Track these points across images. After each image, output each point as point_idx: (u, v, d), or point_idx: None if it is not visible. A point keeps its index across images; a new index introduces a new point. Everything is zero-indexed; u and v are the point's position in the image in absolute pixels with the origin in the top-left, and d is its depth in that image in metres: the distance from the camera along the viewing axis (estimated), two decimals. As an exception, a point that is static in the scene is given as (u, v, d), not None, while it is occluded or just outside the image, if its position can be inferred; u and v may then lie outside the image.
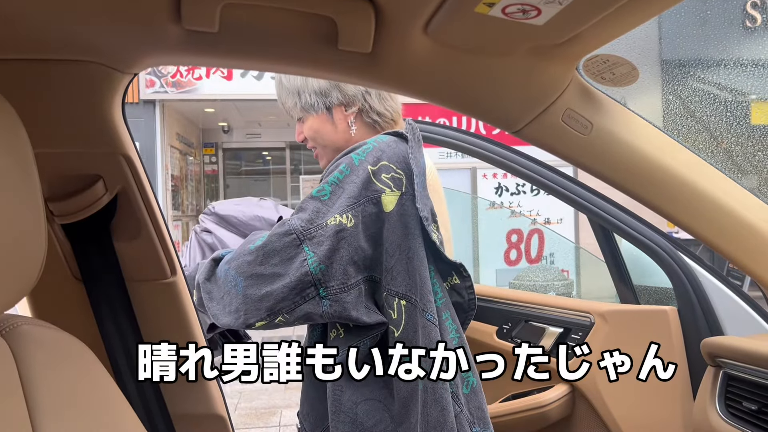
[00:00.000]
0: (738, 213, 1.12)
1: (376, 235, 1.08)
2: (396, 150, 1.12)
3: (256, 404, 4.56)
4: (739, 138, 5.90)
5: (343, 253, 1.05)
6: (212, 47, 0.92)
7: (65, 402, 0.69)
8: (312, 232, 1.05)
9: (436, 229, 1.10)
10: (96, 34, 0.88)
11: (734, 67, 6.36)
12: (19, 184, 0.65)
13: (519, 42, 0.91)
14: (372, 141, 1.13)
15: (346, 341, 1.11)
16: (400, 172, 1.10)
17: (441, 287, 1.12)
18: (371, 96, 1.26)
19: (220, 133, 11.31)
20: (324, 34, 0.88)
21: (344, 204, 1.06)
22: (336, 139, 1.29)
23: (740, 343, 1.16)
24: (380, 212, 1.08)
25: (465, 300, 1.16)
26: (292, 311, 1.05)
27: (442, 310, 1.11)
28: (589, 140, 1.08)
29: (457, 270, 1.14)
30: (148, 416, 1.21)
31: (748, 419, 1.13)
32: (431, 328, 1.06)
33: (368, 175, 1.08)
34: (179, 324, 1.26)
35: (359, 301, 1.08)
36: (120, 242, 1.19)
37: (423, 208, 1.07)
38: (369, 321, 1.08)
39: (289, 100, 1.30)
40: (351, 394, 1.12)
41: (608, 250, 1.70)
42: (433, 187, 1.22)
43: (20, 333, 0.69)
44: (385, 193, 1.08)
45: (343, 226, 1.05)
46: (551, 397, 1.61)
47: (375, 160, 1.10)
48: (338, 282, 1.05)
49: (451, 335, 1.11)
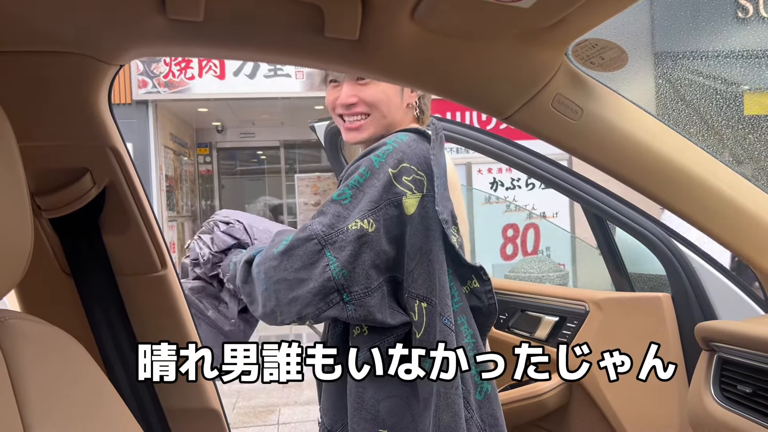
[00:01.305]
0: (729, 197, 1.12)
1: (398, 237, 1.08)
2: (416, 150, 1.11)
3: (255, 403, 4.55)
4: (732, 128, 5.91)
5: (365, 257, 1.05)
6: (198, 37, 0.92)
7: (55, 396, 0.69)
8: (333, 237, 1.05)
9: (456, 232, 1.08)
10: (80, 24, 0.88)
11: (727, 58, 6.37)
12: (4, 177, 0.65)
13: (506, 26, 0.90)
14: (391, 141, 1.11)
15: (369, 339, 1.11)
16: (422, 174, 1.09)
17: (459, 291, 1.11)
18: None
19: (213, 132, 11.29)
20: (310, 22, 0.87)
21: (365, 208, 1.06)
22: (397, 113, 1.24)
23: (734, 327, 1.16)
24: (402, 215, 1.07)
25: (484, 304, 1.14)
26: (318, 316, 1.07)
27: (458, 315, 1.10)
28: (579, 125, 1.08)
29: (476, 273, 1.12)
30: (140, 410, 1.20)
31: (743, 402, 1.13)
32: (447, 333, 1.06)
33: (389, 178, 1.07)
34: (170, 317, 1.25)
35: (383, 303, 1.08)
36: (109, 236, 1.18)
37: (443, 211, 1.07)
38: (393, 323, 1.09)
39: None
40: (374, 392, 1.12)
41: (603, 238, 1.71)
42: (452, 184, 1.21)
43: (8, 327, 0.69)
44: (406, 195, 1.07)
45: (364, 231, 1.05)
46: (548, 385, 1.63)
47: (396, 162, 1.08)
48: (361, 286, 1.06)
49: (466, 340, 1.10)
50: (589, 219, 1.71)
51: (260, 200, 11.80)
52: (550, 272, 3.02)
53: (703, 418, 1.19)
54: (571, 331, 1.61)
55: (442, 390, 1.06)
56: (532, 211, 6.49)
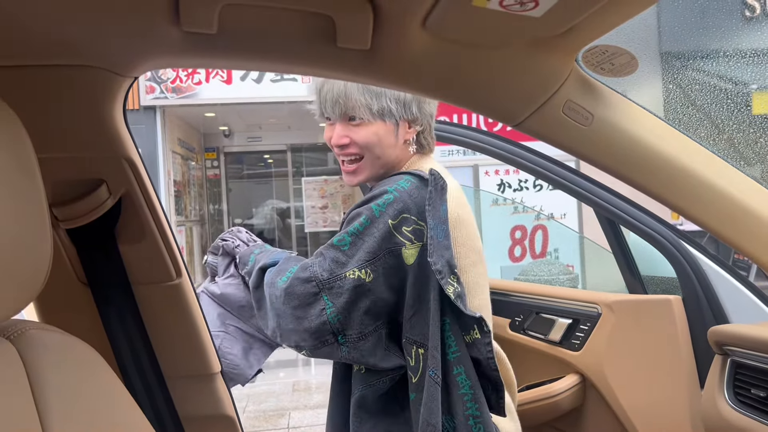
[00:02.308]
0: (742, 200, 1.11)
1: (399, 285, 1.09)
2: (417, 199, 1.10)
3: (265, 407, 4.56)
4: (741, 128, 5.88)
5: (360, 305, 1.07)
6: (211, 48, 0.93)
7: (74, 404, 0.70)
8: (331, 283, 1.07)
9: (455, 281, 1.05)
10: (95, 38, 0.89)
11: (734, 58, 6.34)
12: (23, 189, 0.65)
13: (517, 34, 0.91)
14: (392, 189, 1.11)
15: (366, 378, 1.14)
16: (422, 224, 1.09)
17: (458, 340, 1.08)
18: (432, 119, 1.25)
19: (221, 137, 11.32)
20: (322, 32, 0.88)
21: (363, 258, 1.07)
22: (392, 152, 1.23)
23: (747, 331, 1.16)
24: (401, 264, 1.08)
25: (484, 357, 1.08)
26: (313, 351, 1.10)
27: (455, 365, 1.07)
28: (590, 131, 1.08)
29: (478, 324, 1.07)
30: (157, 418, 1.21)
31: (757, 406, 1.13)
32: (431, 384, 1.05)
33: (388, 229, 1.08)
34: (185, 326, 1.26)
35: (378, 347, 1.10)
36: (125, 245, 1.19)
37: (437, 261, 1.04)
38: (386, 366, 1.11)
39: (363, 98, 1.19)
40: (370, 427, 1.14)
41: (615, 241, 1.71)
42: (468, 206, 1.22)
43: (28, 337, 0.70)
44: (405, 246, 1.08)
45: (361, 281, 1.06)
46: (562, 386, 1.63)
47: (396, 213, 1.08)
48: (356, 331, 1.08)
49: (462, 390, 1.07)
50: (601, 221, 1.72)
51: (268, 204, 11.82)
52: (560, 275, 3.01)
53: (718, 422, 1.18)
54: (584, 333, 1.61)
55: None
56: (540, 212, 6.47)
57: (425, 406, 1.05)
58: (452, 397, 1.07)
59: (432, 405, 1.04)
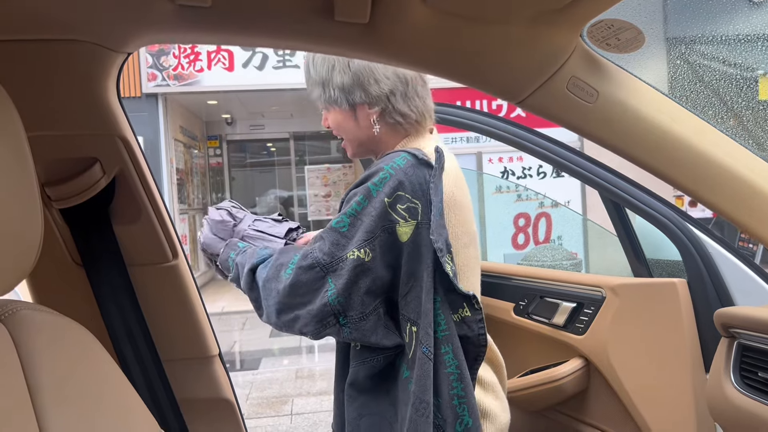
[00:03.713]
0: (751, 180, 1.09)
1: (394, 262, 1.10)
2: (413, 178, 1.10)
3: (268, 393, 4.57)
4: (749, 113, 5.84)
5: (360, 285, 1.09)
6: (206, 22, 0.90)
7: (67, 385, 0.68)
8: (334, 266, 1.09)
9: (450, 260, 1.08)
10: (86, 11, 0.86)
11: (740, 43, 6.28)
12: (13, 167, 0.64)
13: (520, 7, 0.88)
14: (388, 167, 1.11)
15: (359, 355, 1.17)
16: (416, 202, 1.09)
17: (447, 319, 1.10)
18: (395, 97, 1.22)
19: (223, 125, 11.31)
20: (320, 6, 0.86)
21: (361, 238, 1.09)
22: (358, 134, 1.27)
23: (755, 313, 1.14)
24: (396, 241, 1.09)
25: (474, 334, 1.11)
26: (316, 335, 1.12)
27: (442, 343, 1.09)
28: (595, 108, 1.05)
29: (468, 301, 1.11)
30: (153, 400, 1.20)
31: (763, 389, 1.11)
32: (424, 361, 1.07)
33: (384, 207, 1.09)
34: (182, 307, 1.25)
35: (378, 325, 1.12)
36: (119, 226, 1.17)
37: (438, 239, 1.07)
38: (388, 344, 1.13)
39: (315, 92, 1.27)
40: (357, 407, 1.16)
41: (621, 224, 1.69)
42: (465, 187, 1.21)
43: (19, 318, 0.68)
44: (399, 224, 1.09)
45: (361, 260, 1.08)
46: (566, 370, 1.62)
47: (391, 190, 1.09)
48: (357, 311, 1.10)
49: (449, 370, 1.09)
50: (606, 204, 1.69)
51: (270, 192, 11.83)
52: (564, 260, 2.99)
53: (723, 405, 1.17)
54: (588, 317, 1.60)
55: (413, 416, 1.07)
56: (545, 198, 6.45)
57: (418, 382, 1.07)
58: (439, 375, 1.09)
59: (425, 382, 1.06)
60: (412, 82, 1.23)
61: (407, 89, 1.22)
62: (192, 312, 1.26)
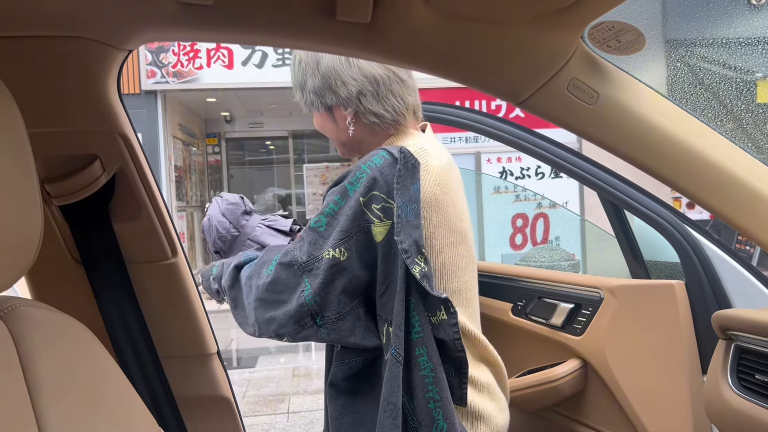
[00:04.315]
0: (750, 183, 1.09)
1: (371, 262, 1.10)
2: (388, 177, 1.09)
3: (265, 392, 4.58)
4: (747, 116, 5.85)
5: (336, 284, 1.08)
6: (207, 21, 0.90)
7: (65, 382, 0.68)
8: (310, 265, 1.09)
9: (422, 261, 1.06)
10: (87, 8, 0.86)
11: (739, 46, 6.29)
12: (13, 163, 0.64)
13: (521, 8, 0.88)
14: (365, 166, 1.11)
15: (340, 356, 1.17)
16: (391, 202, 1.08)
17: (422, 321, 1.08)
18: (366, 97, 1.20)
19: (222, 122, 11.29)
20: (322, 5, 0.86)
21: (337, 237, 1.09)
22: (339, 136, 1.27)
23: (752, 315, 1.14)
24: (372, 241, 1.09)
25: (450, 338, 1.09)
26: (294, 336, 1.11)
27: (417, 345, 1.08)
28: (595, 110, 1.05)
29: (445, 305, 1.08)
30: (152, 398, 1.20)
31: (760, 391, 1.11)
32: (392, 362, 1.06)
33: (359, 207, 1.08)
34: (181, 305, 1.25)
35: (357, 326, 1.12)
36: (119, 223, 1.17)
37: (405, 239, 1.05)
38: (368, 345, 1.12)
39: (297, 95, 1.29)
40: (339, 406, 1.17)
41: (619, 226, 1.69)
42: (451, 186, 1.18)
43: (19, 314, 0.68)
44: (374, 224, 1.08)
45: (336, 260, 1.08)
46: (563, 371, 1.62)
47: (366, 190, 1.09)
48: (333, 312, 1.09)
49: (423, 372, 1.07)
50: (605, 205, 1.70)
51: (269, 190, 11.82)
52: (562, 261, 3.00)
53: (721, 408, 1.17)
54: (586, 318, 1.60)
55: (381, 416, 1.06)
56: (543, 199, 6.45)
57: (386, 384, 1.06)
58: (413, 377, 1.08)
59: (393, 384, 1.05)
60: (384, 81, 1.20)
61: (378, 89, 1.20)
62: (190, 310, 1.26)
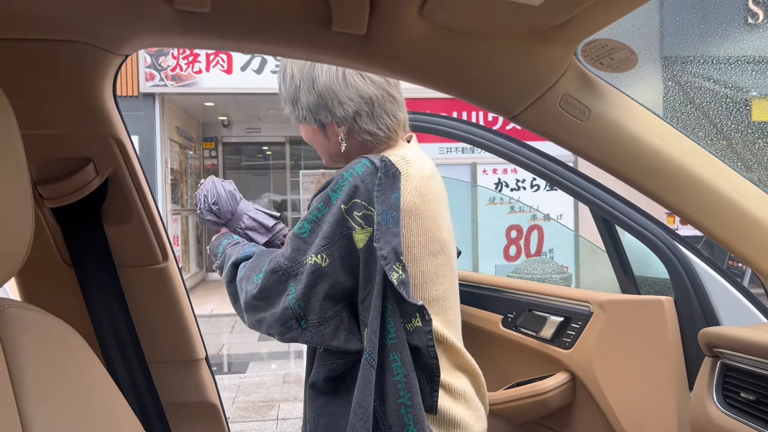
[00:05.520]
0: (738, 202, 1.10)
1: (355, 268, 1.12)
2: (369, 185, 1.11)
3: (254, 398, 4.56)
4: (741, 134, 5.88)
5: (319, 290, 1.11)
6: (204, 28, 0.91)
7: (52, 385, 0.68)
8: (294, 270, 1.12)
9: (400, 268, 1.08)
10: (85, 12, 0.87)
11: (736, 64, 6.34)
12: (6, 164, 0.64)
13: (515, 23, 0.89)
14: (348, 174, 1.12)
15: (321, 357, 1.19)
16: (371, 209, 1.10)
17: (397, 327, 1.10)
18: (361, 117, 1.21)
19: (220, 127, 11.30)
20: (318, 15, 0.86)
21: (320, 244, 1.11)
22: (329, 149, 1.28)
23: (738, 333, 1.15)
24: (353, 248, 1.11)
25: (424, 345, 1.11)
26: (282, 336, 1.14)
27: (391, 351, 1.10)
28: (587, 127, 1.06)
29: (420, 312, 1.11)
30: (138, 402, 1.19)
31: (746, 410, 1.12)
32: (366, 366, 1.09)
33: (341, 214, 1.10)
34: (171, 310, 1.25)
35: (340, 330, 1.14)
36: (110, 227, 1.17)
37: (383, 247, 1.07)
38: (351, 348, 1.14)
39: (287, 108, 1.29)
40: (317, 407, 1.19)
41: (610, 241, 1.70)
42: (432, 196, 1.18)
43: (7, 316, 0.68)
44: (356, 231, 1.10)
45: (318, 266, 1.10)
46: (551, 384, 1.62)
47: (348, 197, 1.10)
48: (316, 316, 1.12)
49: (396, 378, 1.09)
50: (596, 220, 1.70)
51: (264, 195, 11.80)
52: (554, 274, 3.00)
53: (706, 425, 1.18)
54: (575, 332, 1.60)
55: (352, 419, 1.09)
56: (536, 212, 6.47)
57: (359, 388, 1.08)
58: (386, 382, 1.10)
59: (365, 388, 1.07)
60: (379, 101, 1.21)
61: (373, 109, 1.21)
62: (180, 315, 1.26)
